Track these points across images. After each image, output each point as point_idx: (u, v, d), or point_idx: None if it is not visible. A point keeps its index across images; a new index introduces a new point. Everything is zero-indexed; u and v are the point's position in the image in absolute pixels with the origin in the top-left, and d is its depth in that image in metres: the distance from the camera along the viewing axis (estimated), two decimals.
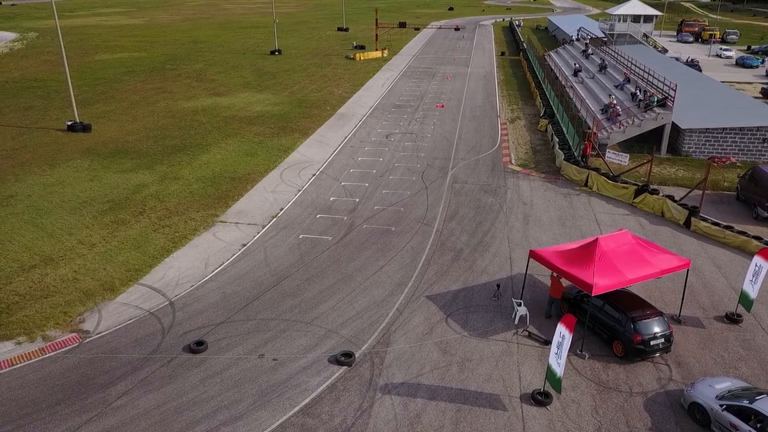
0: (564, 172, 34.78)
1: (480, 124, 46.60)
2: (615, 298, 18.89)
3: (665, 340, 18.25)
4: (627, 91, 46.45)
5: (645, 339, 17.90)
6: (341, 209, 30.10)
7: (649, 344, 17.96)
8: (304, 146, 41.10)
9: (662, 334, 18.16)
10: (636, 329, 17.95)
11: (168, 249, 25.73)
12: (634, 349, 17.99)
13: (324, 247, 25.90)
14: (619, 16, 75.76)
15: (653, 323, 18.16)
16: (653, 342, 18.01)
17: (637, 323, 18.01)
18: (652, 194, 29.83)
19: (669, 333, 18.36)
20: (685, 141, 38.39)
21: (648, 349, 18.03)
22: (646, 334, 17.94)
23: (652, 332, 18.02)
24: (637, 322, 18.02)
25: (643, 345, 17.92)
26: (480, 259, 24.90)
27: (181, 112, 50.83)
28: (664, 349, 18.38)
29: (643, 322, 18.07)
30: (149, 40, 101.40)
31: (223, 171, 35.88)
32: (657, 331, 18.09)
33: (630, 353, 18.14)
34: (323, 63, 77.30)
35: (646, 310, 18.53)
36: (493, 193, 32.33)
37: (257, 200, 31.30)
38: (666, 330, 18.27)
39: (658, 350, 18.25)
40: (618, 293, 19.09)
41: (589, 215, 29.46)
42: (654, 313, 18.49)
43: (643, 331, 17.94)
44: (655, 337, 18.04)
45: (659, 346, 18.16)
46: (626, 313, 18.31)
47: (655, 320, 18.25)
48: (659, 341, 18.11)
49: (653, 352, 18.21)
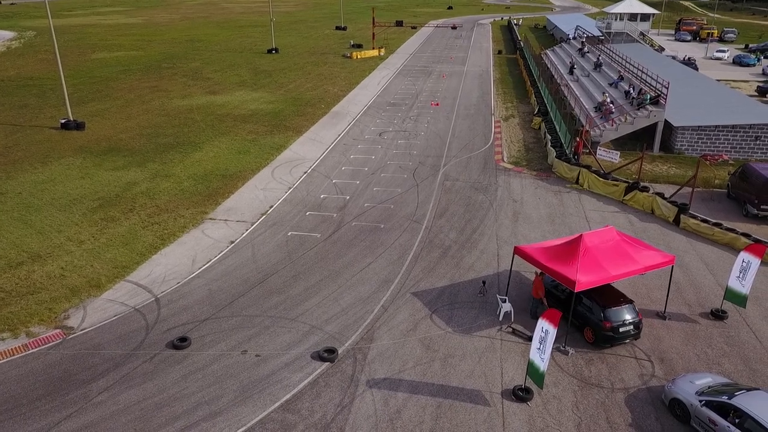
0: (555, 170, 34.75)
1: (474, 122, 46.57)
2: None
3: (634, 327, 18.74)
4: (621, 89, 46.42)
5: (614, 326, 18.36)
6: (331, 206, 30.08)
7: (618, 331, 18.43)
8: (297, 144, 41.08)
9: (631, 321, 18.64)
10: (606, 317, 18.40)
11: (156, 246, 25.72)
12: (603, 335, 18.47)
13: (312, 244, 25.89)
14: (616, 15, 75.81)
15: (623, 311, 18.59)
16: (622, 329, 18.50)
17: (607, 311, 18.45)
18: (642, 192, 29.80)
19: (638, 320, 18.81)
20: (677, 139, 38.35)
21: (617, 336, 18.50)
22: (616, 322, 18.39)
23: (622, 320, 18.48)
24: (607, 310, 18.46)
25: (613, 332, 18.39)
26: (467, 255, 24.87)
27: (176, 111, 50.82)
28: (633, 336, 18.85)
29: (612, 309, 18.51)
30: (147, 38, 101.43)
31: (214, 169, 35.87)
32: (626, 319, 18.56)
33: (600, 340, 18.61)
34: (320, 61, 77.29)
35: (617, 299, 18.93)
36: (484, 190, 32.30)
37: (247, 198, 31.29)
38: (635, 318, 18.73)
39: (627, 337, 18.73)
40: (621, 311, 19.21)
41: (579, 212, 29.43)
42: (624, 302, 18.87)
43: (613, 319, 18.39)
44: (624, 324, 18.52)
45: (629, 332, 18.66)
46: (597, 301, 18.76)
47: (625, 308, 18.68)
48: (628, 328, 18.61)
49: (622, 339, 18.68)
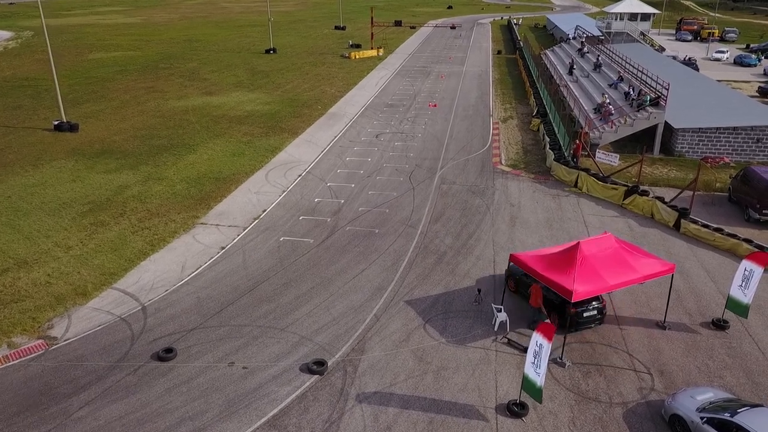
0: (554, 173, 34.19)
1: (472, 124, 46.02)
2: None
3: (598, 313, 19.45)
4: (620, 90, 45.83)
5: (579, 311, 18.98)
6: (325, 211, 29.54)
7: (582, 315, 19.13)
8: (292, 146, 40.55)
9: (595, 307, 19.29)
10: (574, 306, 18.64)
11: (145, 252, 25.20)
12: (571, 319, 18.91)
13: (305, 250, 25.35)
14: (616, 14, 75.19)
15: (587, 300, 18.82)
16: (587, 314, 19.20)
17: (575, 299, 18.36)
18: (641, 195, 29.23)
19: (602, 306, 19.52)
20: (678, 141, 37.78)
21: (581, 320, 19.21)
22: (580, 307, 18.91)
23: (586, 306, 19.06)
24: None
25: (577, 316, 19.05)
26: (463, 262, 24.32)
27: (171, 112, 50.30)
28: (597, 321, 19.57)
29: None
30: (145, 38, 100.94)
31: (208, 171, 35.34)
32: (591, 305, 19.18)
33: (573, 324, 19.09)
34: (318, 62, 76.75)
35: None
36: (481, 194, 31.75)
37: (240, 201, 30.76)
38: (599, 303, 19.41)
39: (592, 321, 19.47)
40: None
41: (578, 217, 28.88)
42: None
43: (577, 305, 18.72)
44: (588, 309, 19.19)
45: (593, 317, 19.37)
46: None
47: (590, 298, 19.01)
48: (592, 313, 19.31)
49: (587, 323, 19.41)
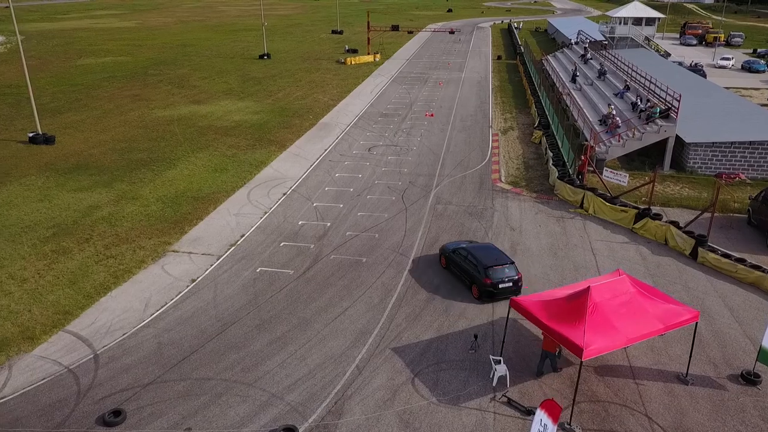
0: (558, 192, 31.76)
1: (470, 136, 43.61)
2: (475, 250, 22.28)
3: (513, 284, 21.27)
4: (627, 100, 43.44)
5: (494, 282, 20.98)
6: (309, 236, 27.13)
7: (497, 287, 21.03)
8: (278, 160, 38.15)
9: (510, 278, 21.22)
10: (487, 275, 21.05)
11: (107, 286, 22.77)
12: (485, 291, 21.11)
13: (283, 284, 22.92)
14: (620, 19, 72.76)
15: (503, 270, 21.23)
16: (501, 285, 21.07)
17: (488, 270, 21.15)
18: (654, 219, 26.79)
19: (517, 278, 21.39)
20: (690, 156, 35.34)
21: (496, 291, 21.07)
22: (495, 279, 21.01)
23: (501, 278, 21.08)
24: (488, 269, 21.16)
25: (493, 287, 21.00)
26: (458, 298, 21.84)
27: (155, 122, 47.97)
28: (513, 292, 21.10)
29: (493, 269, 21.19)
30: (137, 43, 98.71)
31: (186, 189, 32.95)
32: (505, 277, 21.14)
33: (483, 295, 21.24)
34: (312, 68, 74.45)
35: (499, 260, 21.53)
36: (479, 216, 29.33)
37: (217, 225, 28.34)
38: (514, 276, 21.35)
39: (507, 292, 21.04)
40: (479, 246, 22.94)
41: (584, 243, 26.44)
42: (505, 263, 21.48)
43: (493, 277, 21.04)
44: (503, 281, 21.10)
45: (509, 289, 21.15)
46: (481, 262, 21.39)
47: (506, 267, 21.34)
48: (507, 285, 21.15)
49: (502, 294, 21.07)
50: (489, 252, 22.17)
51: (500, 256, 21.87)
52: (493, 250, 22.44)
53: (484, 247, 22.84)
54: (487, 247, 23.01)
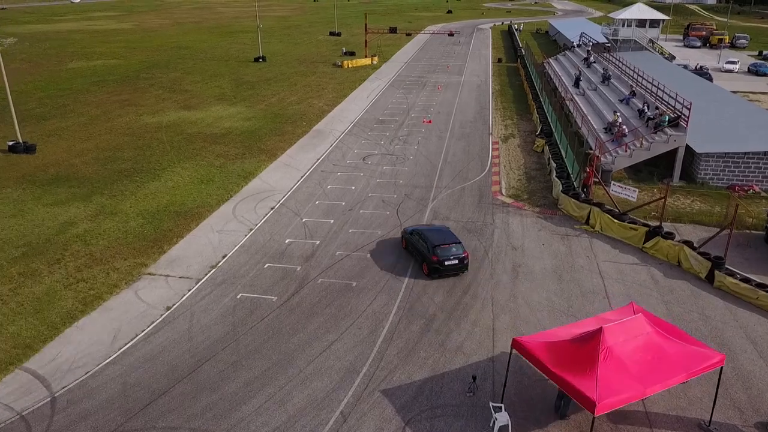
0: (562, 206, 29.94)
1: (469, 144, 41.78)
2: (427, 231, 24.26)
3: (459, 262, 23.09)
4: (633, 106, 41.60)
5: (440, 260, 22.79)
6: (296, 255, 25.31)
7: (443, 264, 22.85)
8: (268, 171, 36.34)
9: (456, 256, 22.99)
10: (435, 253, 22.86)
11: (74, 314, 20.97)
12: (432, 267, 22.94)
13: (265, 312, 21.11)
14: (623, 21, 70.90)
15: (449, 249, 23.02)
16: (448, 263, 22.88)
17: (436, 248, 22.95)
18: (666, 239, 24.96)
19: (463, 257, 23.21)
20: (701, 167, 33.51)
21: (443, 268, 22.90)
22: (442, 257, 22.80)
23: (447, 255, 22.84)
24: (436, 248, 22.96)
25: (439, 264, 22.82)
26: (456, 330, 20.07)
27: (142, 129, 46.19)
28: (459, 269, 23.23)
29: (441, 247, 23.00)
30: (132, 46, 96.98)
31: (169, 203, 31.16)
32: (451, 255, 22.91)
33: (431, 271, 23.06)
34: (308, 71, 72.65)
35: (446, 240, 23.33)
36: (479, 233, 27.52)
37: (199, 244, 26.53)
38: (460, 254, 23.14)
39: (453, 269, 23.08)
40: (431, 228, 25.01)
41: (591, 265, 24.60)
42: (452, 243, 23.24)
43: (440, 255, 22.84)
44: (449, 259, 22.88)
45: (454, 266, 23.02)
46: (431, 241, 23.22)
47: (452, 247, 23.13)
48: (453, 262, 22.96)
49: (448, 270, 23.00)
50: (439, 233, 24.12)
51: (449, 237, 23.79)
52: (444, 232, 24.33)
53: (436, 229, 24.82)
54: (440, 229, 24.95)
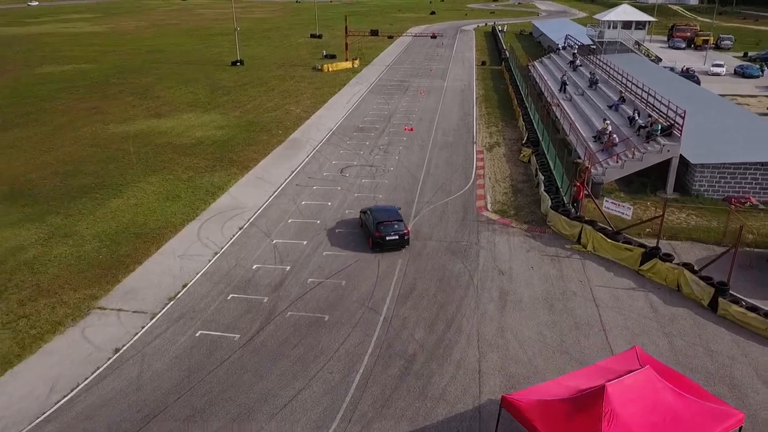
0: (551, 224, 28.04)
1: (452, 154, 39.82)
2: (375, 210, 26.72)
3: (399, 238, 25.45)
4: (623, 113, 39.92)
5: (382, 235, 25.21)
6: (263, 284, 23.14)
7: (385, 239, 25.23)
8: (238, 186, 34.09)
9: (396, 233, 25.36)
10: (378, 229, 25.28)
11: (9, 359, 18.66)
12: (375, 242, 25.33)
13: (225, 353, 18.94)
14: (608, 23, 69.47)
15: (391, 226, 25.43)
16: (389, 238, 25.26)
17: (379, 225, 25.39)
18: (664, 261, 23.14)
19: (404, 233, 25.55)
20: (695, 178, 31.83)
21: (384, 243, 25.30)
22: (384, 232, 25.22)
23: (389, 232, 25.27)
24: (379, 224, 25.40)
25: (381, 239, 25.22)
26: (438, 372, 18.04)
27: (109, 140, 43.69)
28: (399, 244, 25.55)
29: (384, 224, 25.41)
30: (105, 49, 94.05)
31: (130, 224, 28.84)
32: (392, 231, 25.32)
33: (374, 245, 25.39)
34: (287, 75, 70.40)
35: (389, 218, 25.78)
36: (463, 255, 25.53)
37: (158, 271, 24.26)
38: (401, 231, 25.51)
39: (394, 244, 25.44)
40: (380, 207, 27.53)
41: (585, 290, 22.70)
42: (395, 221, 25.64)
43: (382, 231, 25.26)
44: (390, 235, 25.27)
45: (395, 241, 25.39)
46: (375, 218, 25.73)
47: (394, 224, 25.52)
48: (393, 237, 25.33)
49: (389, 245, 25.37)
50: (385, 212, 26.54)
51: (392, 215, 26.16)
52: (390, 211, 26.78)
53: (383, 209, 27.23)
54: (386, 208, 27.31)
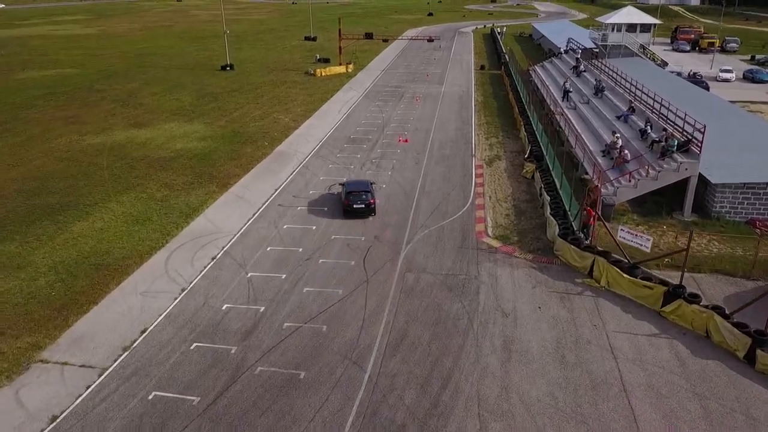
0: (559, 253, 25.20)
1: (450, 169, 36.97)
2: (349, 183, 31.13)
3: (365, 207, 28.97)
4: (632, 124, 37.09)
5: (350, 204, 28.95)
6: (232, 329, 20.29)
7: (352, 207, 28.92)
8: (216, 206, 31.25)
9: (363, 202, 28.89)
10: (347, 198, 29.08)
11: None
12: (344, 209, 29.25)
13: (180, 423, 16.07)
14: (612, 25, 66.73)
15: (359, 196, 29.04)
16: (356, 206, 28.89)
17: (348, 195, 29.22)
18: (690, 302, 20.31)
19: (370, 203, 29.00)
20: (716, 199, 29.04)
21: (351, 210, 28.98)
22: (352, 201, 28.94)
23: (356, 201, 28.91)
24: (348, 194, 29.25)
25: (349, 207, 28.98)
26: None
27: (82, 152, 40.88)
28: (365, 212, 29.08)
29: (353, 194, 29.17)
30: (93, 52, 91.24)
31: (92, 252, 26.00)
32: (359, 200, 28.90)
33: (345, 212, 29.21)
34: (278, 80, 67.58)
35: (358, 189, 29.75)
36: (461, 291, 22.69)
37: (115, 312, 21.41)
38: (367, 200, 28.97)
39: (360, 211, 28.98)
40: (353, 181, 32.37)
41: (600, 338, 19.87)
42: (363, 192, 29.33)
43: (351, 200, 28.99)
44: (357, 203, 28.90)
45: (361, 209, 28.92)
46: (346, 189, 29.74)
47: (362, 195, 29.12)
48: (360, 206, 28.90)
49: (356, 212, 28.96)
50: (356, 184, 30.66)
51: (361, 187, 30.01)
52: (360, 184, 30.95)
53: (355, 182, 31.56)
54: (359, 182, 31.57)
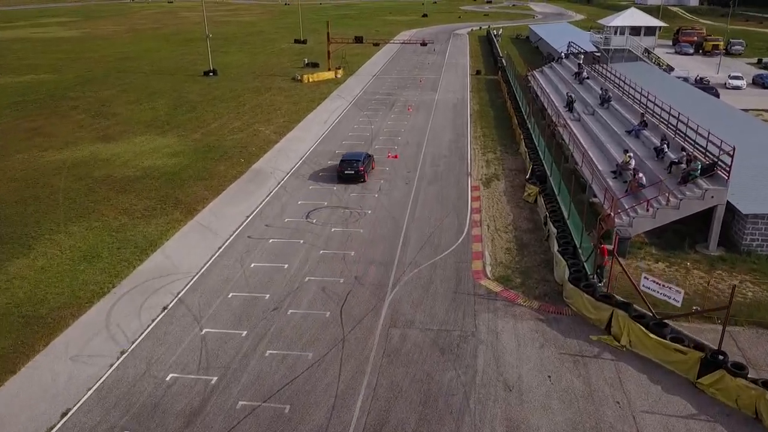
0: (570, 301, 21.53)
1: (443, 190, 33.29)
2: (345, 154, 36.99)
3: (354, 173, 33.87)
4: (646, 142, 33.44)
5: (342, 170, 34.08)
6: (175, 410, 16.54)
7: (343, 173, 34.05)
8: (177, 239, 27.52)
9: (353, 169, 33.83)
10: (340, 165, 34.38)
11: None
12: (337, 175, 34.49)
13: None
14: (615, 28, 63.10)
15: (351, 163, 34.01)
16: (346, 173, 33.96)
17: (342, 163, 34.40)
18: (734, 375, 16.66)
19: (359, 169, 33.81)
20: (746, 231, 25.43)
21: (342, 176, 34.12)
22: (343, 168, 34.09)
23: (347, 168, 33.94)
24: (341, 162, 34.48)
25: (340, 173, 34.18)
26: None
27: (39, 171, 37.11)
28: (354, 178, 34.05)
29: (344, 162, 34.29)
30: (73, 56, 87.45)
31: (25, 300, 22.24)
32: (349, 167, 33.88)
33: (338, 179, 34.36)
34: (262, 87, 63.85)
35: (350, 158, 34.78)
36: (455, 354, 18.98)
37: (35, 385, 17.63)
38: (357, 168, 33.80)
39: (350, 177, 33.99)
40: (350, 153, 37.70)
41: (625, 420, 16.17)
42: (354, 161, 34.24)
43: (342, 167, 34.15)
44: (347, 170, 33.92)
45: (351, 175, 33.91)
46: (341, 158, 35.06)
47: (353, 162, 34.06)
48: (350, 172, 33.90)
49: (347, 178, 34.01)
50: (350, 155, 35.31)
51: (354, 157, 34.62)
52: (354, 154, 35.52)
53: (352, 153, 36.18)
54: (354, 153, 36.12)
